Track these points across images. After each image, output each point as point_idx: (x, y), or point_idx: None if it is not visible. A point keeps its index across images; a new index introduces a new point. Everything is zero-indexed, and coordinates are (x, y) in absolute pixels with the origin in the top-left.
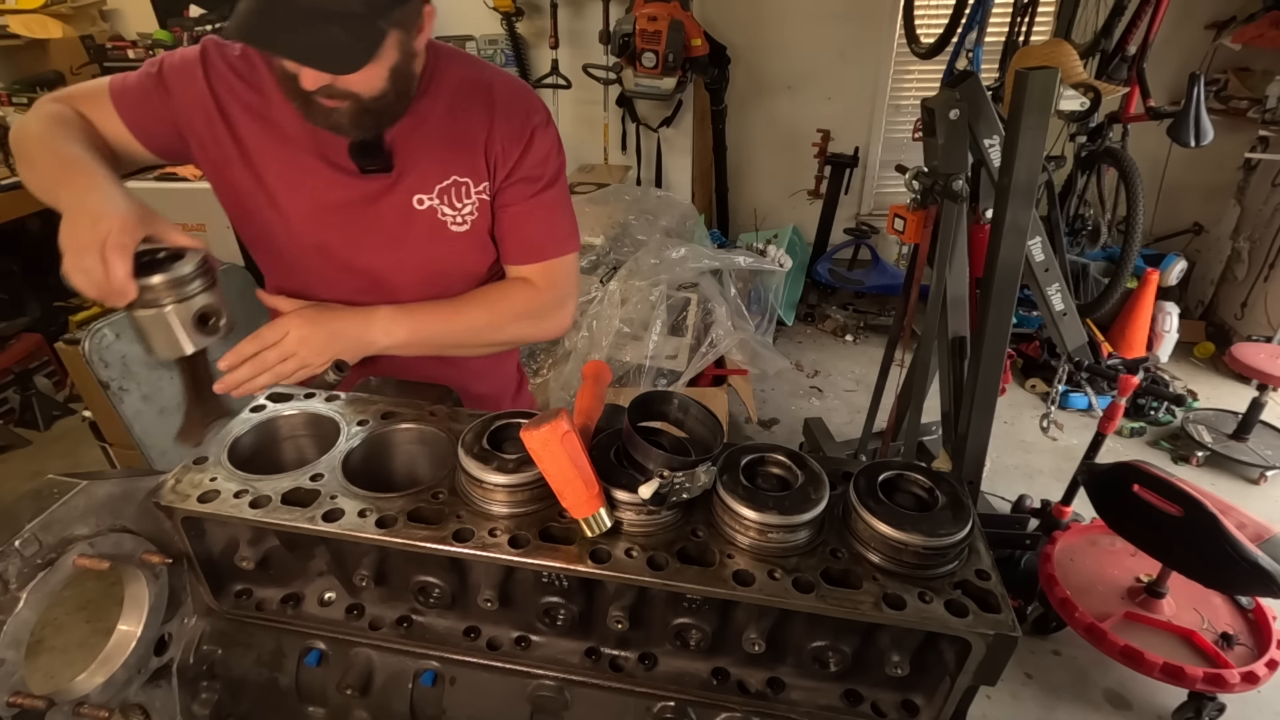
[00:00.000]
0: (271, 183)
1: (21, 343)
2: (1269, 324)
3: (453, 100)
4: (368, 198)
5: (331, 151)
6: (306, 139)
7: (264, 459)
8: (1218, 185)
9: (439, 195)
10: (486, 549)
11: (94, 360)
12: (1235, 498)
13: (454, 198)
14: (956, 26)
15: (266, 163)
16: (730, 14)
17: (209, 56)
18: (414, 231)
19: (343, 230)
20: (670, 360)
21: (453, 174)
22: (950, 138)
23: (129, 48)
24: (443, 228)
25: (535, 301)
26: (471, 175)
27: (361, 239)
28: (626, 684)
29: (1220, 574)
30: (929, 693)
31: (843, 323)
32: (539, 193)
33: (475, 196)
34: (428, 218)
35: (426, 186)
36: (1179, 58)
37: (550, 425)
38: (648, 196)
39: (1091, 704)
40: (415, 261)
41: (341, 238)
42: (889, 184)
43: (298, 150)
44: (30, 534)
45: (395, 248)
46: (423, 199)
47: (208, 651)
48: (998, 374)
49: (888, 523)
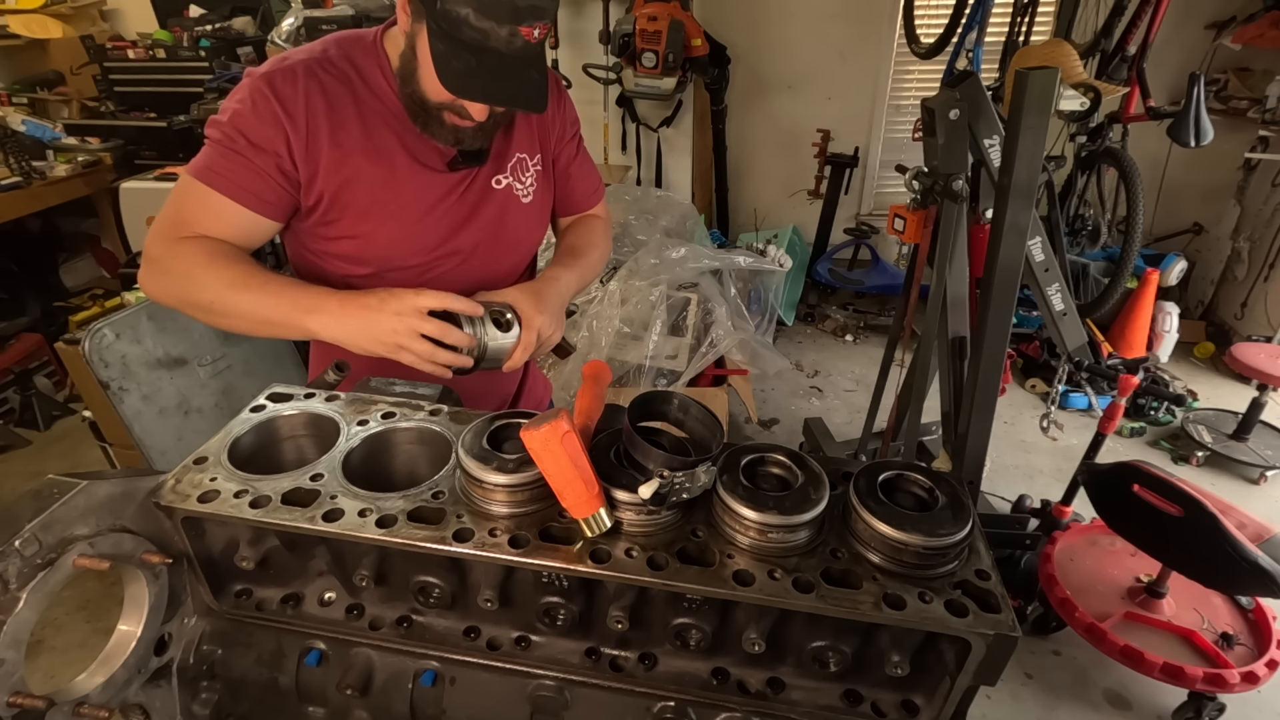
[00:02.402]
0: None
1: (21, 343)
2: (1269, 324)
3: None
4: (461, 187)
5: (419, 153)
6: (393, 149)
7: (264, 459)
8: (1218, 185)
9: (511, 173)
10: (486, 549)
11: (94, 360)
12: (1235, 498)
13: (520, 172)
14: (956, 26)
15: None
16: (730, 14)
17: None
18: (496, 209)
19: (442, 222)
20: (670, 360)
21: (517, 151)
22: (950, 138)
23: (129, 48)
24: (516, 201)
25: (608, 229)
26: (528, 150)
27: (457, 225)
28: (626, 684)
29: (1220, 574)
30: (929, 693)
31: (843, 323)
32: (579, 145)
33: (533, 169)
34: (505, 195)
35: (501, 167)
36: (1179, 58)
37: (550, 425)
38: (648, 196)
39: (1091, 704)
40: (496, 235)
41: (441, 229)
42: (889, 184)
43: (389, 162)
44: (30, 534)
45: (482, 227)
46: (500, 179)
47: (208, 651)
48: (998, 374)
49: (888, 523)
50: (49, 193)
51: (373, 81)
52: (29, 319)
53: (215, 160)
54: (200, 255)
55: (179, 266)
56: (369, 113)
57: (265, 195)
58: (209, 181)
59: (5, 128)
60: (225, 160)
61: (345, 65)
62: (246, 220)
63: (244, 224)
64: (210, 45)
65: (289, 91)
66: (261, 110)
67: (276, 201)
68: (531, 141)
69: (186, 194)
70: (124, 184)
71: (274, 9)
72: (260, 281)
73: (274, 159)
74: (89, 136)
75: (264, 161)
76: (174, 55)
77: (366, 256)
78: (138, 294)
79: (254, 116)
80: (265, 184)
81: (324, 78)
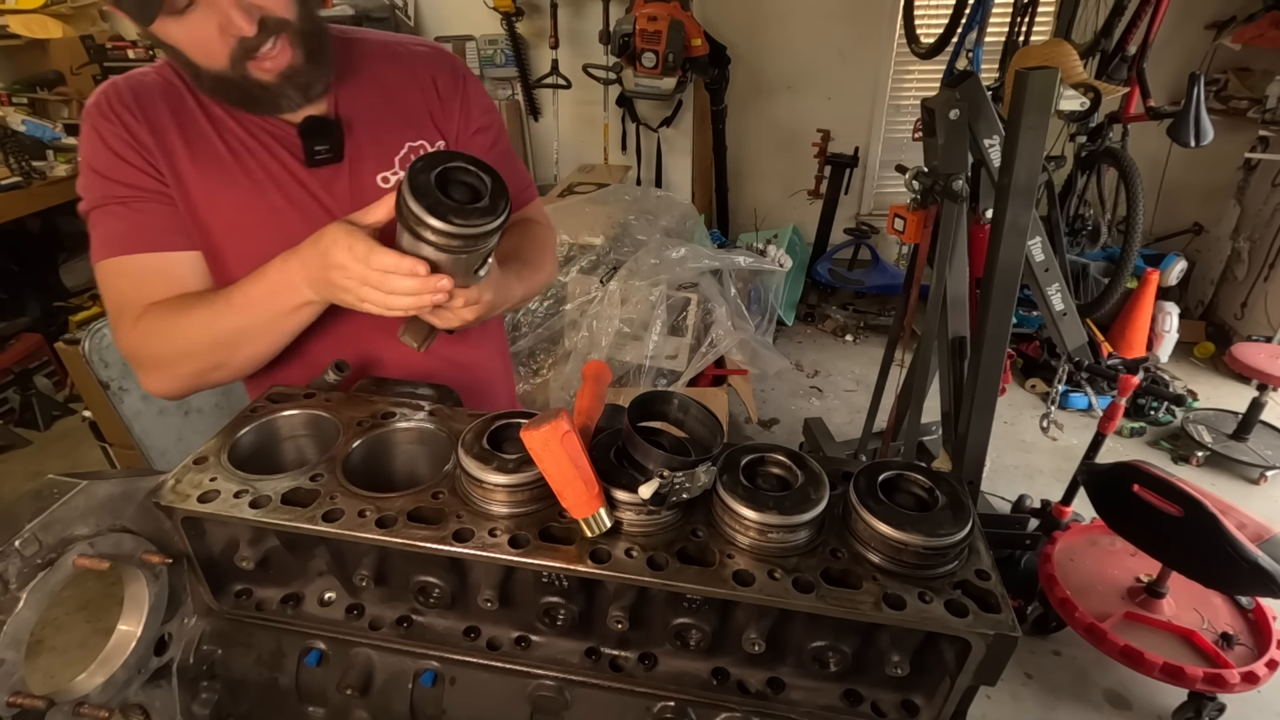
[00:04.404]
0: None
1: (21, 343)
2: (1269, 324)
3: (376, 71)
4: (337, 186)
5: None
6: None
7: (264, 459)
8: (1218, 185)
9: (400, 165)
10: (486, 549)
11: (94, 360)
12: (1235, 498)
13: None
14: (956, 26)
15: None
16: (730, 14)
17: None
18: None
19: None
20: (670, 360)
21: (406, 142)
22: (950, 138)
23: (129, 48)
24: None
25: (550, 237)
26: (424, 138)
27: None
28: (626, 684)
29: (1220, 574)
30: (929, 693)
31: (843, 323)
32: (497, 141)
33: None
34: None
35: (387, 162)
36: (1179, 58)
37: (550, 425)
38: (648, 196)
39: (1091, 704)
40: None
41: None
42: (889, 184)
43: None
44: (30, 534)
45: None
46: (388, 176)
47: (208, 651)
48: (998, 374)
49: (888, 523)
50: (49, 193)
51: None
52: (29, 319)
53: (109, 225)
54: (159, 324)
55: (155, 349)
56: (205, 116)
57: (182, 227)
58: (123, 249)
59: (5, 128)
60: (117, 219)
61: (171, 76)
62: (191, 265)
63: (193, 271)
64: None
65: (119, 105)
66: (110, 138)
67: (188, 229)
68: (425, 128)
69: (109, 280)
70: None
71: None
72: (225, 302)
73: (155, 181)
74: None
75: (151, 190)
76: None
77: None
78: None
79: (108, 151)
80: (173, 214)
81: (150, 87)
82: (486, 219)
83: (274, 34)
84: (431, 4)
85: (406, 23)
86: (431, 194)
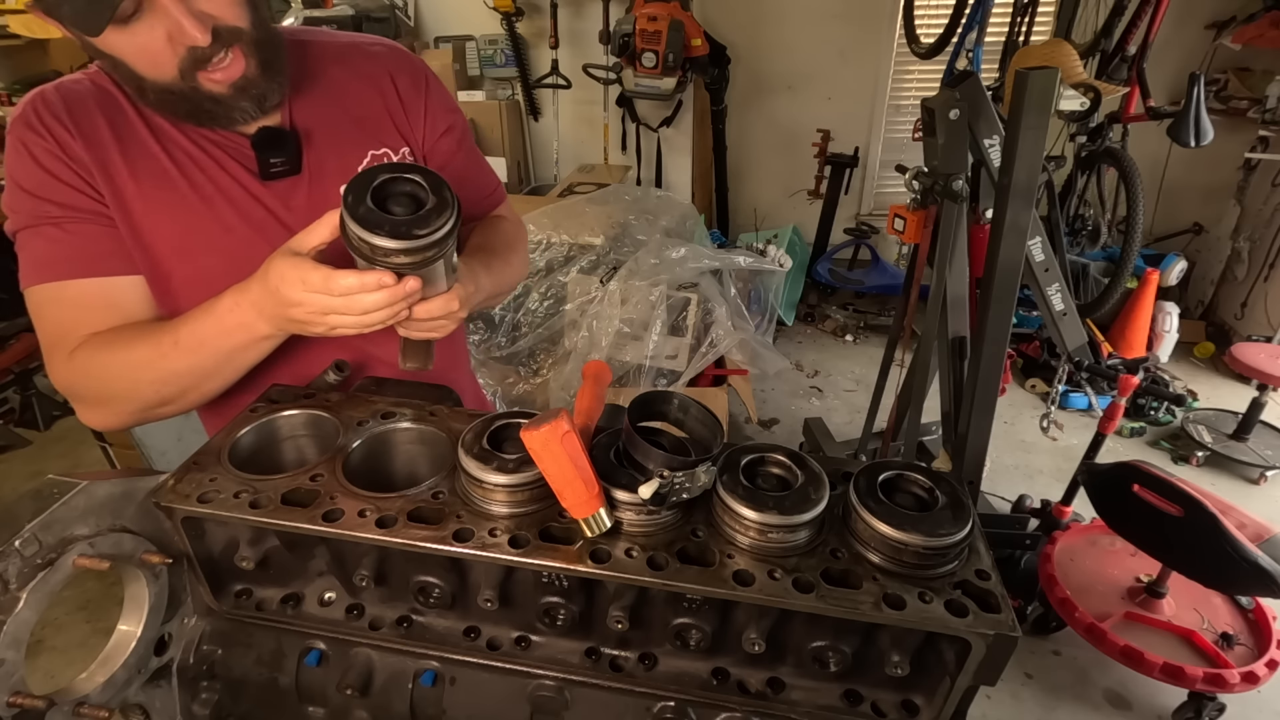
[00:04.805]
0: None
1: (21, 343)
2: (1269, 324)
3: (333, 76)
4: (296, 199)
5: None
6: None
7: (264, 459)
8: (1218, 185)
9: None
10: (486, 549)
11: None
12: (1235, 498)
13: None
14: (956, 26)
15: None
16: (730, 14)
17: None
18: None
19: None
20: (670, 360)
21: (369, 149)
22: (950, 138)
23: None
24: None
25: (520, 234)
26: (387, 145)
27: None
28: (626, 684)
29: (1220, 574)
30: (929, 693)
31: (843, 323)
32: (463, 141)
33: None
34: None
35: (349, 173)
36: (1179, 58)
37: (550, 425)
38: (648, 196)
39: (1091, 704)
40: None
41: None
42: (889, 184)
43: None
44: (30, 534)
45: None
46: None
47: (208, 651)
48: (998, 374)
49: (888, 523)
50: None
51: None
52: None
53: (38, 248)
54: (96, 358)
55: (93, 387)
56: (147, 128)
57: (120, 249)
58: (51, 276)
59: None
60: (49, 241)
61: (108, 84)
62: (131, 290)
63: (133, 296)
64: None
65: (49, 117)
66: (40, 154)
67: (128, 251)
68: (387, 134)
69: (42, 309)
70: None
71: (273, 9)
72: (172, 339)
73: (91, 199)
74: None
75: (86, 209)
76: None
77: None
78: None
79: (38, 168)
80: (110, 235)
81: (83, 97)
82: (439, 220)
83: (227, 44)
84: (431, 4)
85: (406, 23)
86: (375, 216)
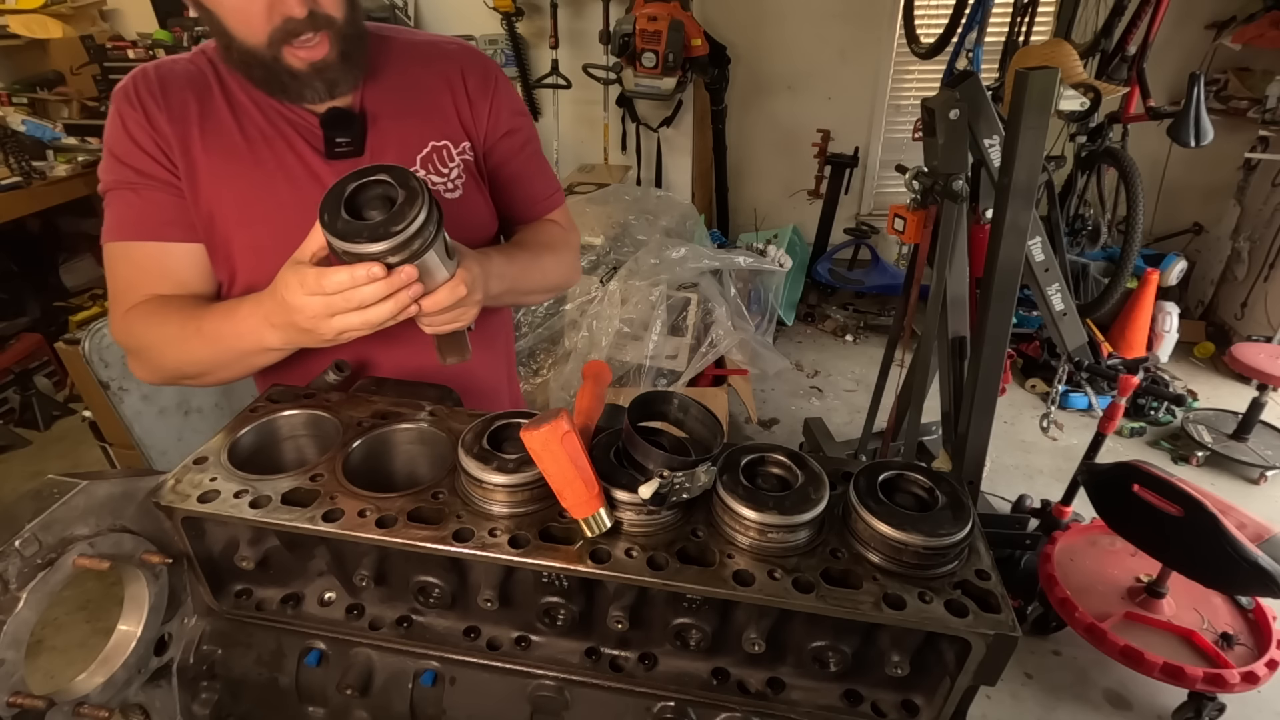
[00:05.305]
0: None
1: (21, 343)
2: (1269, 324)
3: (406, 69)
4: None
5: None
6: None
7: (264, 459)
8: (1218, 185)
9: (422, 165)
10: (486, 549)
11: (94, 360)
12: (1235, 498)
13: (439, 164)
14: (956, 26)
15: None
16: (730, 14)
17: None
18: None
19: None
20: (670, 360)
21: (430, 140)
22: (950, 138)
23: (129, 48)
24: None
25: (572, 240)
26: (449, 138)
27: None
28: (626, 684)
29: (1220, 574)
30: (929, 693)
31: (843, 323)
32: (526, 144)
33: (459, 159)
34: None
35: (407, 160)
36: (1179, 58)
37: (550, 425)
38: (648, 196)
39: (1091, 704)
40: None
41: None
42: (889, 184)
43: (254, 156)
44: (30, 534)
45: None
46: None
47: (208, 651)
48: (998, 374)
49: (888, 523)
50: (49, 193)
51: (228, 73)
52: (29, 319)
53: (117, 209)
54: (143, 322)
55: (137, 343)
56: (227, 105)
57: (183, 219)
58: (124, 235)
59: (5, 128)
60: (125, 204)
61: (201, 60)
62: (186, 257)
63: (186, 263)
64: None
65: (145, 92)
66: (131, 124)
67: (190, 221)
68: (451, 128)
69: (112, 263)
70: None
71: None
72: (195, 326)
73: (165, 170)
74: (89, 136)
75: (159, 179)
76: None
77: (258, 282)
78: None
79: (126, 137)
80: (176, 205)
81: (178, 75)
82: (412, 211)
83: (318, 28)
84: (431, 4)
85: (406, 22)
86: (351, 226)
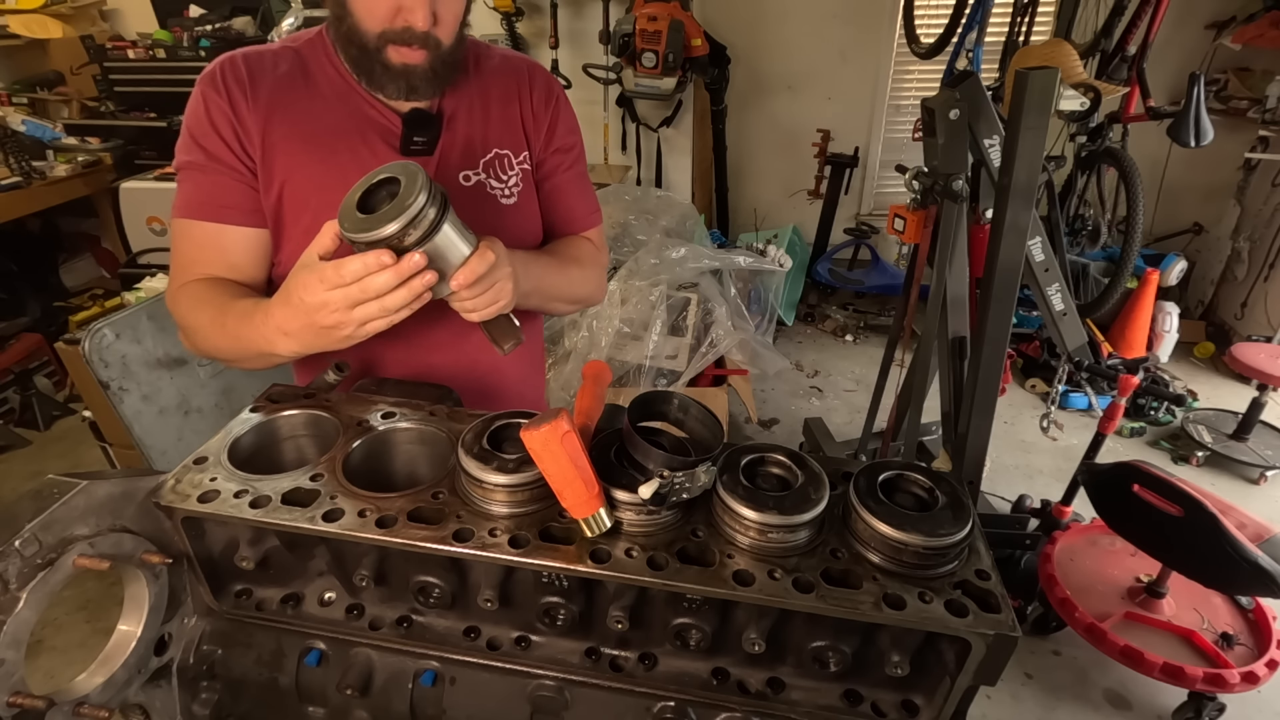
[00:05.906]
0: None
1: (21, 343)
2: (1269, 324)
3: (483, 79)
4: None
5: (365, 134)
6: (335, 132)
7: (264, 459)
8: (1218, 185)
9: (484, 169)
10: (486, 549)
11: (94, 360)
12: (1235, 498)
13: (499, 170)
14: (956, 26)
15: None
16: (730, 14)
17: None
18: (466, 209)
19: None
20: (670, 360)
21: (494, 147)
22: (950, 138)
23: (129, 48)
24: (493, 201)
25: (601, 260)
26: (512, 147)
27: None
28: (626, 684)
29: (1220, 574)
30: (929, 693)
31: (843, 323)
32: (574, 164)
33: (518, 168)
34: (477, 193)
35: (472, 163)
36: (1179, 58)
37: (550, 425)
38: (648, 196)
39: (1091, 704)
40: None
41: None
42: (889, 184)
43: (329, 145)
44: (30, 534)
45: None
46: (469, 175)
47: (208, 651)
48: (998, 374)
49: (888, 523)
50: (49, 193)
51: (315, 65)
52: (29, 319)
53: (186, 188)
54: (188, 303)
55: (182, 321)
56: (310, 96)
57: (244, 204)
58: (188, 213)
59: (5, 128)
60: (193, 184)
61: (288, 53)
62: (241, 241)
63: (241, 246)
64: (210, 45)
65: (231, 78)
66: (213, 109)
67: (260, 207)
68: (513, 137)
69: (176, 238)
70: (124, 184)
71: (274, 9)
72: (221, 321)
73: (236, 157)
74: (89, 136)
75: (229, 164)
76: (174, 55)
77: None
78: (138, 294)
79: (206, 120)
80: (240, 190)
81: (265, 64)
82: (414, 191)
83: (425, 44)
84: None
85: None
86: (367, 219)
